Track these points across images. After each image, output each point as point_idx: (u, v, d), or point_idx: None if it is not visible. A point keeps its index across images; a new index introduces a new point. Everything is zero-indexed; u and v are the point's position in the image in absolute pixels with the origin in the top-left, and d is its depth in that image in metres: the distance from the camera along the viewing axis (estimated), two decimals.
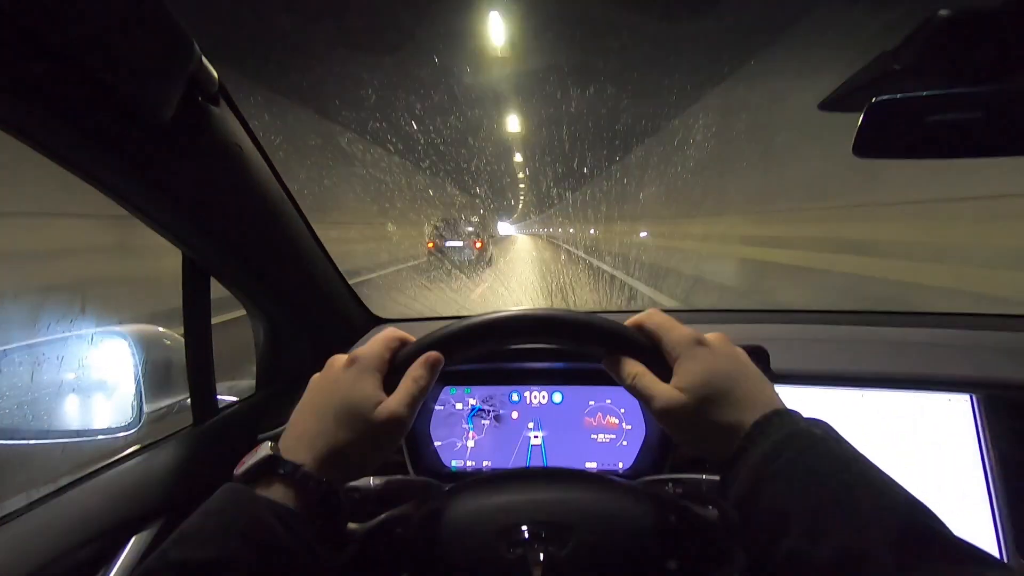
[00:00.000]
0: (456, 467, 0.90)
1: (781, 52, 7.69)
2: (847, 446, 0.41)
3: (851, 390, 0.83)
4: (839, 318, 1.08)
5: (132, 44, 0.46)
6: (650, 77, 12.52)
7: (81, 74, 0.43)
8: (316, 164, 13.66)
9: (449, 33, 12.35)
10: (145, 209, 0.61)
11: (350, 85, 13.75)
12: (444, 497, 0.53)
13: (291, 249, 0.83)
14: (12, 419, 0.77)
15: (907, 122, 0.50)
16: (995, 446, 0.77)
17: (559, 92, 16.50)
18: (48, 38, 0.40)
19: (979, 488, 0.76)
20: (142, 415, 0.76)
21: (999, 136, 0.50)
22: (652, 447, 0.86)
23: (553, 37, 12.45)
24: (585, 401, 0.90)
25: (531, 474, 0.60)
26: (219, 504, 0.41)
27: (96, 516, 0.60)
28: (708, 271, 8.90)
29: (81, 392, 0.80)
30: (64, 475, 0.63)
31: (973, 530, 0.75)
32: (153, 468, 0.69)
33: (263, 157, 0.72)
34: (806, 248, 6.46)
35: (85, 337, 0.80)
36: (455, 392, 0.93)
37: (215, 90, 0.59)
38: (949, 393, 0.80)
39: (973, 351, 0.87)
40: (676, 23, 9.26)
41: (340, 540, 0.48)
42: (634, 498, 0.52)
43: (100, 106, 0.47)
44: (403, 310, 3.13)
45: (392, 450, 0.48)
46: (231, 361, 0.93)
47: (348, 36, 10.70)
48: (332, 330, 1.01)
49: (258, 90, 10.78)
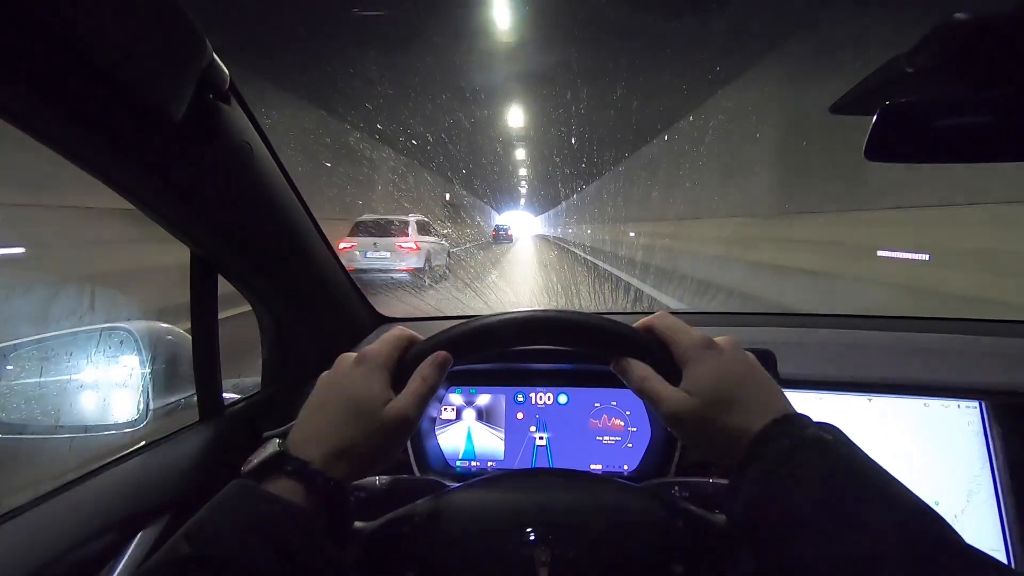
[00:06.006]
0: (461, 467, 0.90)
1: (788, 55, 7.66)
2: (857, 451, 0.40)
3: (859, 396, 0.82)
4: (847, 322, 1.07)
5: (144, 41, 0.46)
6: (663, 76, 12.47)
7: (93, 71, 0.43)
8: (323, 161, 13.69)
9: (459, 31, 12.38)
10: (154, 206, 0.61)
11: (359, 83, 13.79)
12: (449, 497, 0.53)
13: (298, 247, 0.83)
14: (21, 414, 0.77)
15: (920, 126, 0.49)
16: (1004, 453, 0.76)
17: (568, 91, 16.50)
18: (60, 35, 0.40)
19: (987, 495, 0.76)
20: (149, 411, 0.76)
21: (1012, 141, 0.49)
22: (657, 450, 0.86)
23: (563, 36, 12.46)
24: (591, 403, 0.90)
25: (537, 475, 0.60)
26: (227, 500, 0.41)
27: (103, 511, 0.60)
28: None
29: (88, 388, 0.80)
30: (71, 470, 0.63)
31: (981, 537, 0.74)
32: (160, 464, 0.69)
33: (272, 155, 0.72)
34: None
35: (93, 333, 0.80)
36: (461, 392, 0.93)
37: (226, 88, 0.59)
38: (958, 400, 0.79)
39: (982, 358, 0.86)
40: (690, 20, 9.21)
41: (346, 538, 0.48)
42: (642, 501, 0.52)
43: (112, 103, 0.47)
44: (409, 309, 3.14)
45: (400, 449, 0.48)
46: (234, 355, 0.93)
47: (358, 34, 10.73)
48: (338, 328, 1.01)
49: (267, 88, 10.83)
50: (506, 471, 0.69)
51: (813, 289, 6.70)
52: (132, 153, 0.53)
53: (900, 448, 0.79)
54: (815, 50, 7.20)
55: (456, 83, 16.17)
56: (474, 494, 0.53)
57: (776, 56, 8.41)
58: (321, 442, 0.45)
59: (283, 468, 0.43)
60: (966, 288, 4.55)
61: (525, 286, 8.55)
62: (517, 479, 0.56)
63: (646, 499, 0.52)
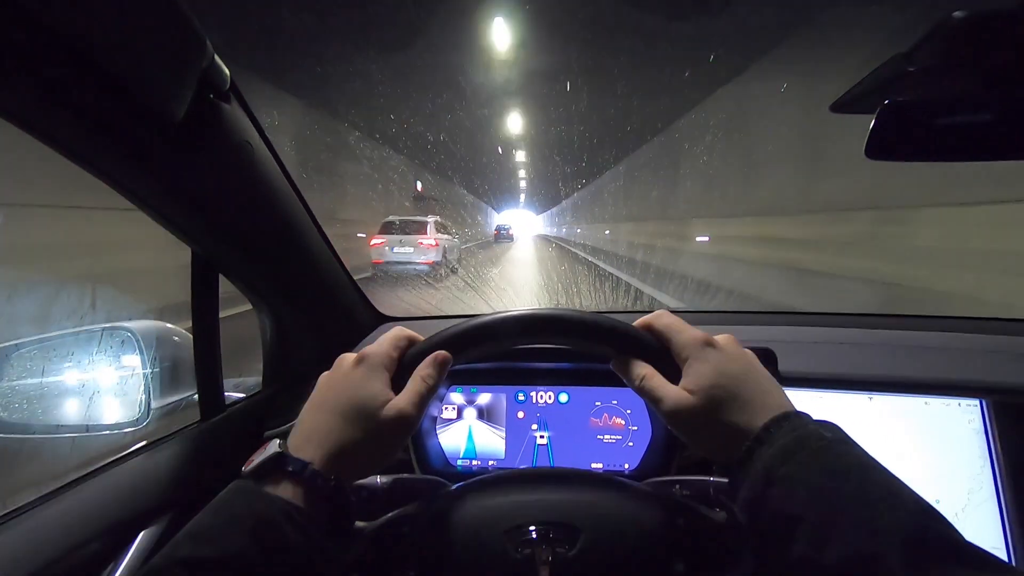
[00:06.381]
0: (462, 467, 0.90)
1: (788, 53, 7.64)
2: (857, 449, 0.40)
3: (859, 394, 0.82)
4: (847, 320, 1.07)
5: (145, 41, 0.46)
6: (663, 75, 12.41)
7: (94, 71, 0.44)
8: (324, 162, 13.69)
9: (459, 30, 12.36)
10: (155, 205, 0.61)
11: (359, 83, 13.78)
12: (451, 497, 0.53)
13: (299, 247, 0.83)
14: (22, 413, 0.77)
15: (920, 124, 0.49)
16: (1005, 451, 0.76)
17: (569, 90, 16.45)
18: (61, 35, 0.40)
19: (988, 493, 0.76)
20: (150, 411, 0.76)
21: (1014, 139, 0.49)
22: (658, 448, 0.86)
23: (563, 36, 12.44)
24: (591, 402, 0.90)
25: (538, 474, 0.60)
26: (228, 501, 0.41)
27: (104, 511, 0.60)
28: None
29: (90, 387, 0.80)
30: (73, 470, 0.63)
31: (982, 535, 0.75)
32: (161, 464, 0.69)
33: (273, 155, 0.72)
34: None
35: (94, 333, 0.80)
36: (461, 391, 0.93)
37: (226, 87, 0.59)
38: (959, 398, 0.79)
39: (983, 356, 0.86)
40: (689, 21, 9.20)
41: (347, 538, 0.48)
42: (642, 499, 0.52)
43: (112, 103, 0.47)
44: (410, 309, 3.14)
45: (400, 449, 0.49)
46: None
47: (358, 33, 10.72)
48: (339, 328, 1.01)
49: (267, 88, 10.83)
50: (507, 470, 0.69)
51: (805, 282, 6.76)
52: (133, 153, 0.53)
53: (900, 446, 0.79)
54: (815, 48, 7.19)
55: (456, 82, 16.15)
56: (475, 494, 0.53)
57: (774, 56, 8.40)
58: (321, 443, 0.45)
59: (284, 469, 0.43)
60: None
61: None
62: (518, 478, 0.56)
63: (647, 498, 0.52)
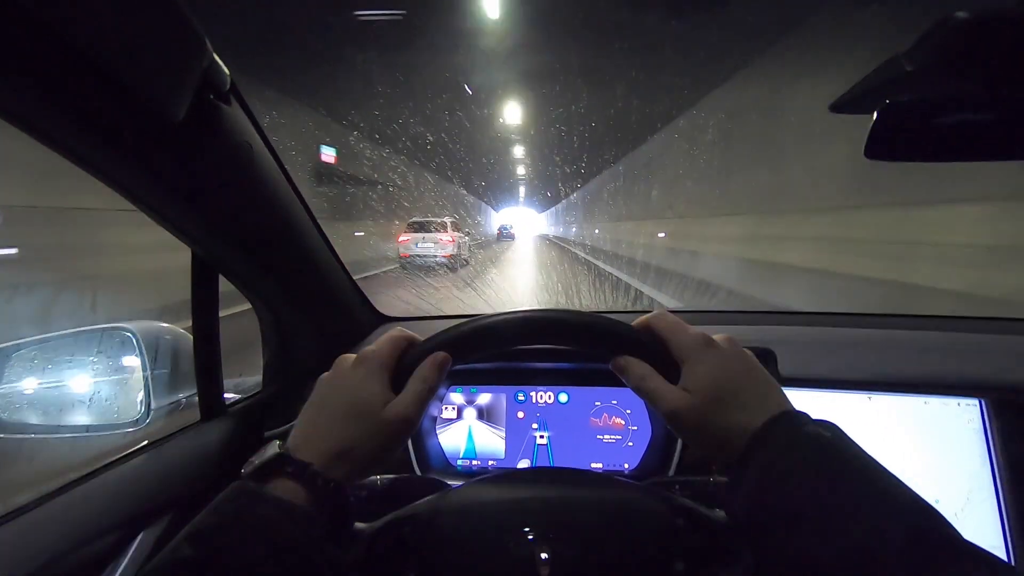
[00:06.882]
0: (462, 467, 0.90)
1: (789, 52, 7.63)
2: (856, 449, 0.40)
3: (858, 394, 0.82)
4: (846, 320, 1.07)
5: (145, 41, 0.46)
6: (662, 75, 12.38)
7: (94, 71, 0.43)
8: (323, 163, 13.68)
9: (458, 29, 12.34)
10: (155, 206, 0.61)
11: (359, 83, 13.78)
12: (451, 497, 0.53)
13: (299, 247, 0.83)
14: (23, 413, 0.77)
15: (920, 125, 0.49)
16: (1004, 451, 0.76)
17: (569, 91, 16.40)
18: (60, 35, 0.40)
19: (987, 492, 0.76)
20: (150, 411, 0.76)
21: (1013, 139, 0.49)
22: (658, 448, 0.86)
23: (562, 36, 12.42)
24: (591, 401, 0.90)
25: (538, 474, 0.60)
26: (228, 502, 0.41)
27: (105, 511, 0.60)
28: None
29: (90, 387, 0.80)
30: (73, 470, 0.63)
31: (981, 534, 0.75)
32: (161, 464, 0.69)
33: (273, 156, 0.72)
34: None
35: (95, 333, 0.81)
36: (461, 391, 0.93)
37: (226, 88, 0.59)
38: (958, 397, 0.79)
39: (982, 355, 0.86)
40: (687, 20, 9.18)
41: (347, 539, 0.49)
42: (642, 499, 0.52)
43: (112, 103, 0.47)
44: (410, 309, 3.13)
45: (400, 449, 0.49)
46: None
47: (357, 34, 10.73)
48: (339, 328, 1.01)
49: (267, 89, 10.82)
50: (507, 470, 0.69)
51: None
52: (133, 153, 0.53)
53: (900, 446, 0.79)
54: (813, 47, 7.18)
55: (456, 81, 16.10)
56: (475, 493, 0.53)
57: (771, 56, 8.38)
58: (321, 443, 0.45)
59: (284, 470, 0.43)
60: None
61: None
62: (518, 478, 0.56)
63: (647, 497, 0.52)
